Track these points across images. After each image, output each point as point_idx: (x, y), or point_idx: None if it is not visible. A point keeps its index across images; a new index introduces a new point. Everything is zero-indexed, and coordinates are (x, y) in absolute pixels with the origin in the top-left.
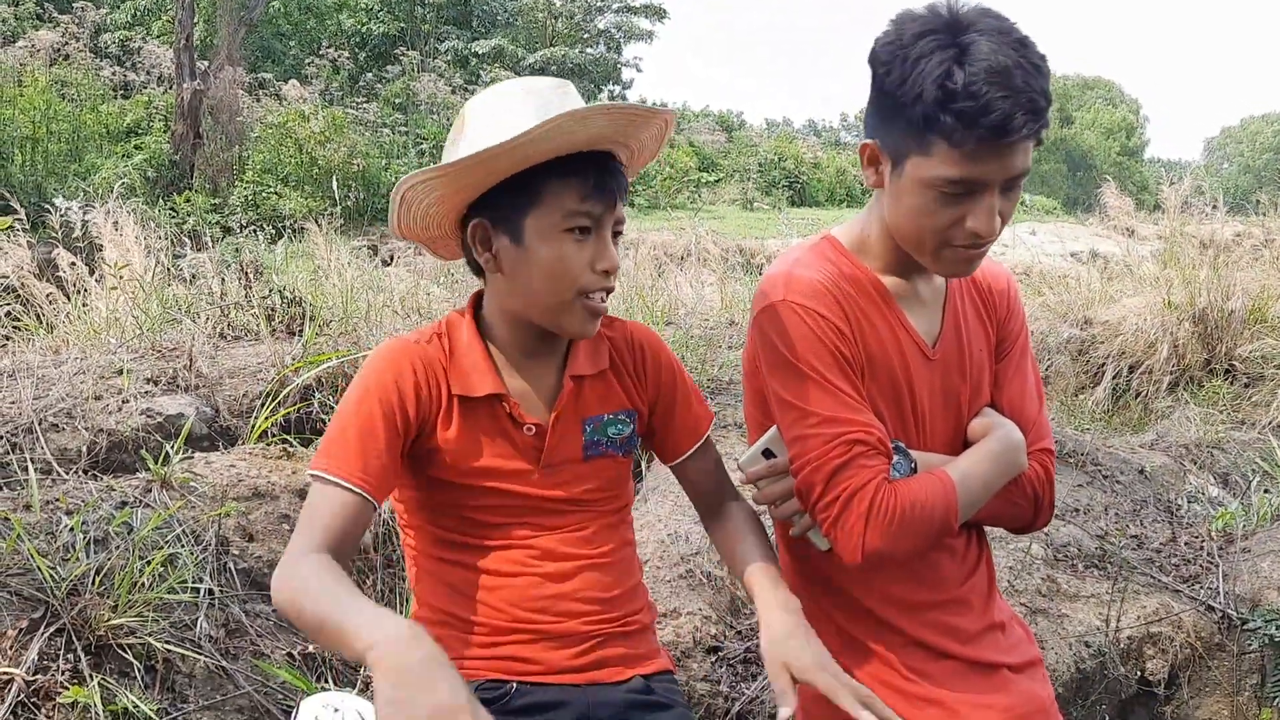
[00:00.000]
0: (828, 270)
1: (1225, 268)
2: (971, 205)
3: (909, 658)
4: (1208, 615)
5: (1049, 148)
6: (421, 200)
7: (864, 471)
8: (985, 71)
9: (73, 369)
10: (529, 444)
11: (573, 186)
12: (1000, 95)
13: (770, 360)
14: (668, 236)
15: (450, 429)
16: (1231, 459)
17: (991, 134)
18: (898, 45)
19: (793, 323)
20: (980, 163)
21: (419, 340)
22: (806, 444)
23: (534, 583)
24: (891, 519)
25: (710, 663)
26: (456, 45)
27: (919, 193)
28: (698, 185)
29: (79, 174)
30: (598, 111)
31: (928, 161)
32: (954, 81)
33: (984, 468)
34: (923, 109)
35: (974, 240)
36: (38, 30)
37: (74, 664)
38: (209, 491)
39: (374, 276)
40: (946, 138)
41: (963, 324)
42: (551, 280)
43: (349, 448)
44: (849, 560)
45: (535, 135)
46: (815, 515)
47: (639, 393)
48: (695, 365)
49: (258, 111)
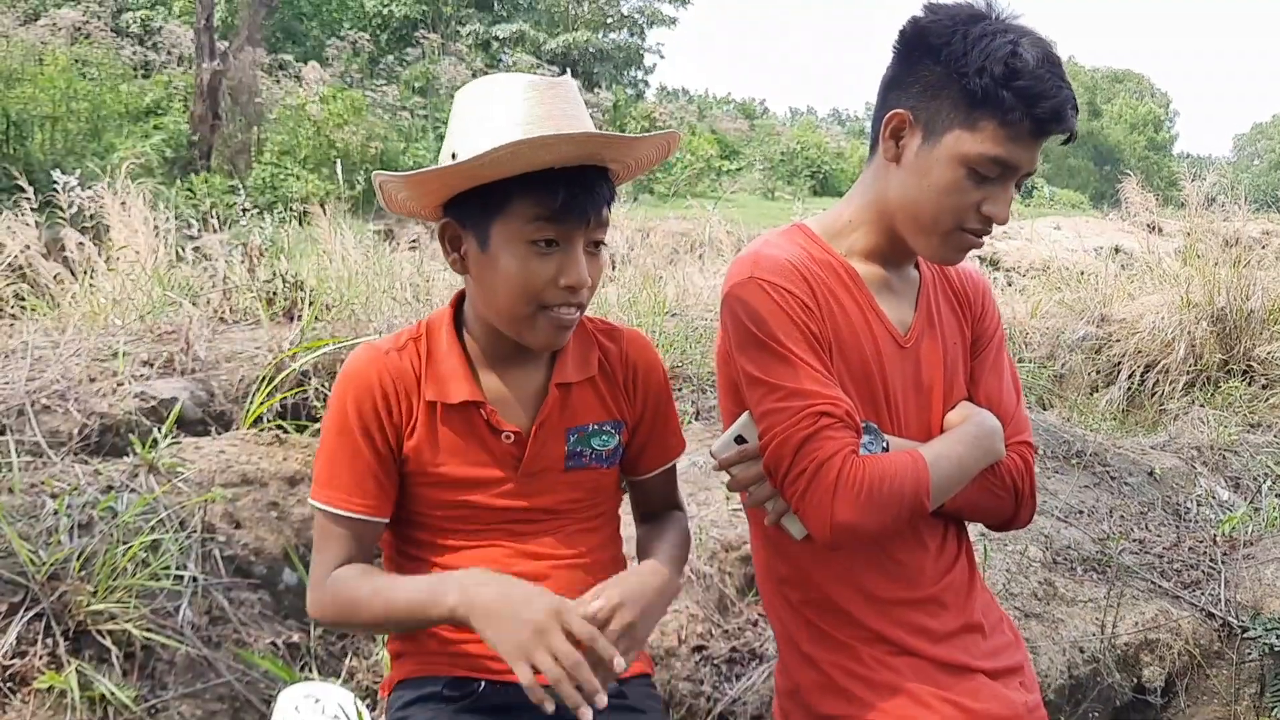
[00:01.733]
0: (796, 252)
1: (1246, 266)
2: (993, 191)
3: (876, 650)
4: (1207, 622)
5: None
6: (395, 194)
7: (831, 443)
8: (1046, 60)
9: (68, 351)
10: (507, 452)
11: (539, 200)
12: (1056, 85)
13: (739, 338)
14: (687, 225)
15: (423, 438)
16: (1244, 462)
17: (1045, 118)
18: (954, 23)
19: (760, 299)
20: (1020, 147)
21: (391, 349)
22: (774, 419)
23: None
24: (860, 490)
25: (695, 662)
26: (478, 29)
27: (952, 168)
28: (719, 173)
29: (97, 153)
30: (562, 140)
31: (972, 137)
32: (1022, 61)
33: (959, 450)
34: (985, 82)
35: (986, 226)
36: (59, 9)
37: (52, 649)
38: (196, 477)
39: (378, 261)
40: (1000, 115)
41: (936, 315)
42: (512, 290)
43: (340, 475)
44: (818, 535)
45: (490, 159)
46: (784, 491)
47: (626, 406)
48: (695, 358)
49: (277, 93)
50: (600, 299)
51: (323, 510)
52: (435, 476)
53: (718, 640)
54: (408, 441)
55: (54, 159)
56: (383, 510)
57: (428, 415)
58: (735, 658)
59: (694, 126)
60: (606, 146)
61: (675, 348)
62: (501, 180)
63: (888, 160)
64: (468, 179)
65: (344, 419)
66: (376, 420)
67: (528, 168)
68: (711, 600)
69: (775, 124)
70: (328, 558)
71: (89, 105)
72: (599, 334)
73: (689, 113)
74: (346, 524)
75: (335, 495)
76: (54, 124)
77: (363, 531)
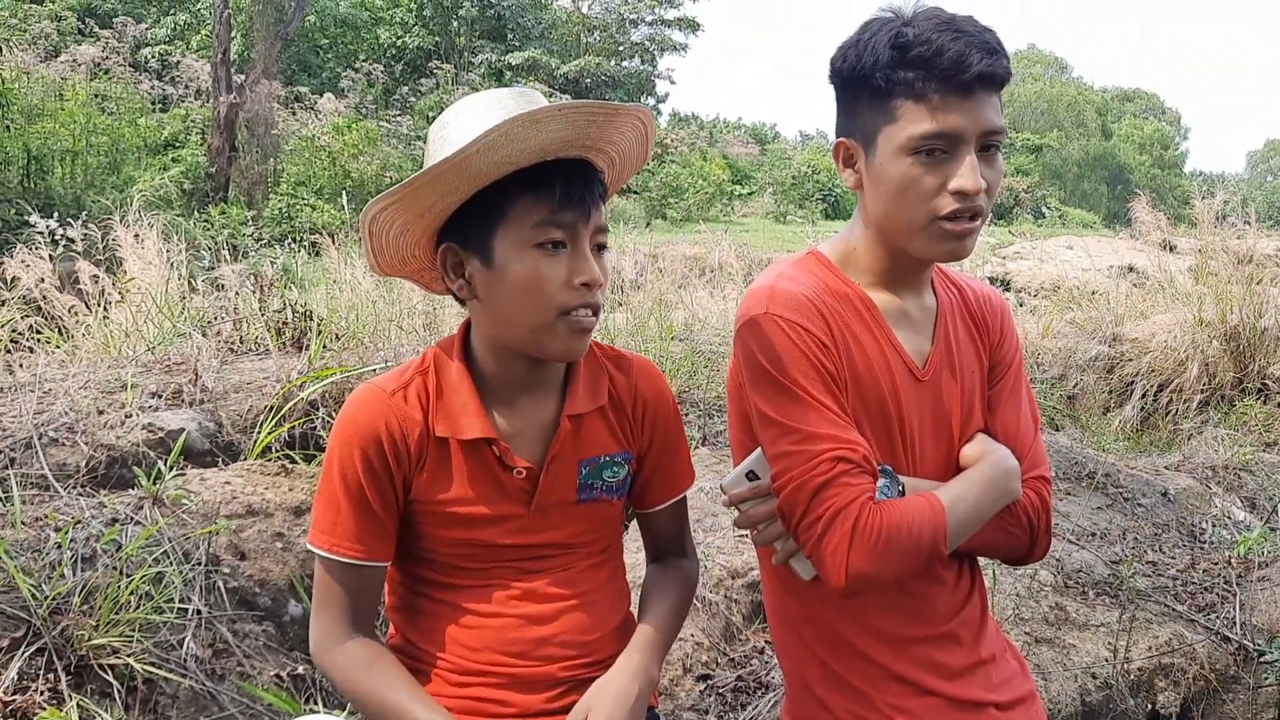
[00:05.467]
0: (813, 284)
1: (1259, 284)
2: (952, 166)
3: (889, 694)
4: (1223, 646)
5: (1088, 161)
6: (387, 230)
7: (848, 490)
8: (932, 22)
9: (77, 383)
10: (519, 487)
11: (538, 198)
12: (951, 38)
13: (752, 375)
14: (698, 249)
15: (432, 476)
16: (1259, 481)
17: (949, 73)
18: (846, 43)
19: (775, 336)
20: (949, 111)
21: (396, 388)
22: (789, 461)
23: (514, 624)
24: (877, 540)
25: (700, 691)
26: (490, 58)
27: (897, 163)
28: (731, 198)
29: (117, 186)
30: (549, 113)
31: (897, 127)
32: (904, 36)
33: (976, 493)
34: (881, 73)
35: (962, 203)
36: (79, 45)
37: (54, 684)
38: (201, 508)
39: (388, 290)
40: (910, 93)
41: (954, 345)
42: (527, 300)
43: (340, 520)
44: (833, 583)
45: (481, 145)
46: (798, 536)
47: (635, 436)
48: (702, 382)
49: (293, 124)
50: (609, 324)
51: (324, 557)
52: (445, 515)
53: (724, 669)
54: (416, 481)
55: (74, 192)
56: (384, 555)
57: (437, 452)
58: (741, 687)
59: (705, 152)
60: (592, 120)
61: (683, 373)
62: (497, 187)
63: (854, 189)
64: (464, 177)
65: (348, 466)
66: (385, 468)
67: (520, 154)
68: (718, 628)
69: (786, 148)
70: (332, 609)
71: (108, 139)
72: (608, 362)
73: (700, 138)
74: (349, 571)
75: (337, 543)
76: (74, 158)
77: (364, 580)
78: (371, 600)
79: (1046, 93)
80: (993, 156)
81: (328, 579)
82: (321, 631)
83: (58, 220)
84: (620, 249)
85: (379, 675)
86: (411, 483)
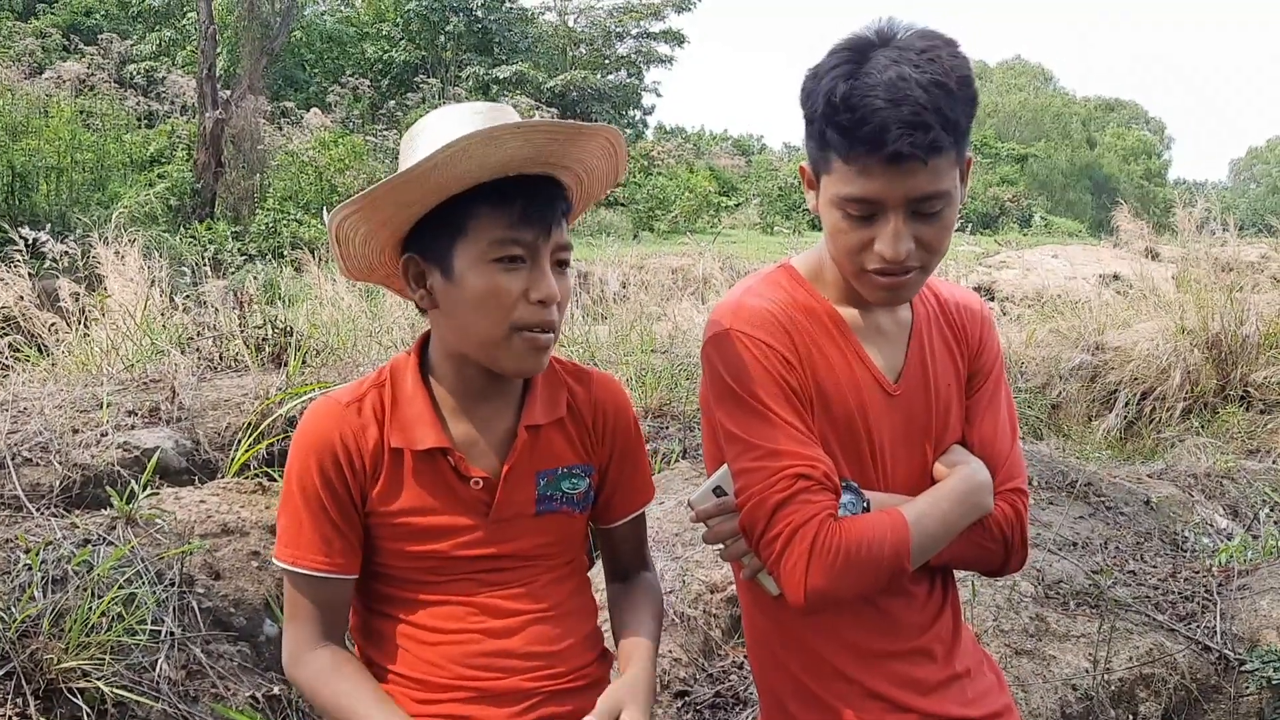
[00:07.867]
0: (780, 299)
1: (1240, 291)
2: (878, 228)
3: (865, 711)
4: (1204, 656)
5: (1073, 171)
6: (352, 237)
7: (807, 507)
8: (868, 86)
9: (53, 401)
10: (476, 498)
11: (499, 213)
12: (878, 108)
13: (717, 391)
14: (684, 260)
15: (387, 488)
16: (1241, 489)
17: (868, 147)
18: (814, 68)
19: (738, 352)
20: (871, 179)
21: (351, 400)
22: (750, 478)
23: (474, 639)
24: (835, 557)
25: (677, 708)
26: (477, 71)
27: (830, 212)
28: (717, 209)
29: (102, 203)
30: (507, 130)
31: (830, 179)
32: (837, 95)
33: (943, 508)
34: (818, 125)
35: (883, 265)
36: (64, 61)
37: (22, 709)
38: (175, 528)
39: (370, 305)
40: (839, 153)
41: (929, 358)
42: (483, 313)
43: (303, 534)
44: (793, 600)
45: (439, 160)
46: (759, 553)
47: (595, 449)
48: (683, 395)
49: (279, 140)
50: (591, 336)
51: (289, 570)
52: (401, 527)
53: (701, 685)
54: (372, 493)
55: (59, 209)
56: (350, 568)
57: (392, 464)
58: (719, 703)
59: (692, 164)
60: (554, 138)
61: (664, 385)
62: (459, 201)
63: (813, 210)
64: (423, 190)
65: (306, 479)
66: (341, 479)
67: (480, 170)
68: (696, 643)
69: (772, 159)
70: (301, 623)
71: (94, 156)
72: (568, 376)
73: (686, 150)
74: (315, 584)
75: (300, 555)
76: (59, 175)
77: (333, 593)
78: (340, 612)
79: (1032, 103)
80: (932, 216)
81: (295, 593)
82: (291, 644)
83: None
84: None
85: (342, 680)
86: (368, 494)
